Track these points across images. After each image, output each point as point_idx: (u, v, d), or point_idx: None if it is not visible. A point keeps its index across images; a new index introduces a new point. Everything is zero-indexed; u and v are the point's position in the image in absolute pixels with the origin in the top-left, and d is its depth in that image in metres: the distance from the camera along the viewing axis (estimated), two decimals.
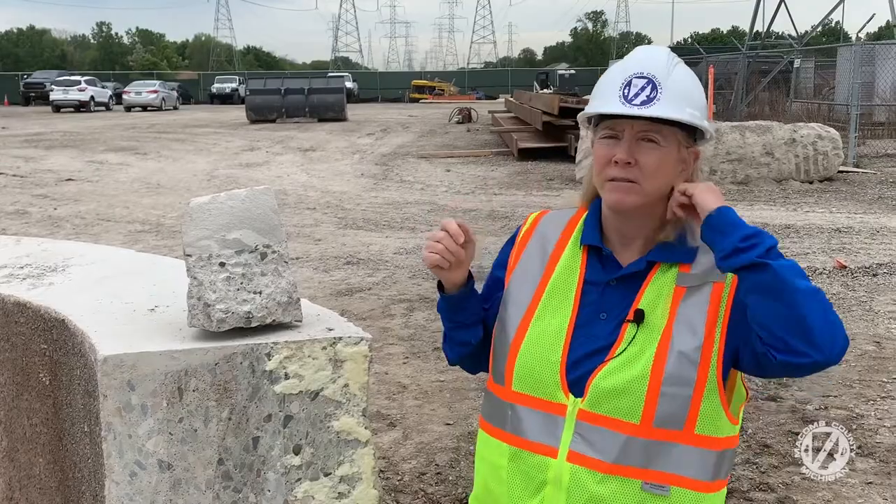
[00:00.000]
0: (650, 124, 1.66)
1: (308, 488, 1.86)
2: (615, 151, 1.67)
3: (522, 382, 1.74)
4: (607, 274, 1.74)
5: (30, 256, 2.87)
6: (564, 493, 1.67)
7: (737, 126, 15.34)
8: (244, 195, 1.87)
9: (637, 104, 1.64)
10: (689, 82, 1.70)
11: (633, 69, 1.68)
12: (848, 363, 5.84)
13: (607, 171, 1.69)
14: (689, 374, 1.63)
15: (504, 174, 17.03)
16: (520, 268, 1.84)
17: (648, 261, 1.71)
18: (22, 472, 2.45)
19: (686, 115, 1.67)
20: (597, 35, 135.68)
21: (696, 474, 1.66)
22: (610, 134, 1.70)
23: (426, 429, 4.87)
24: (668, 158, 1.68)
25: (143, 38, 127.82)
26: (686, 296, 1.67)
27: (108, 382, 1.72)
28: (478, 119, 32.36)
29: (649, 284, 1.70)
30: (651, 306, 1.68)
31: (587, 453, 1.66)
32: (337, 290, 7.95)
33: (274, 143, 23.90)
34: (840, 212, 12.05)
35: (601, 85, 1.75)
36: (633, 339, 1.67)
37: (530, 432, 1.71)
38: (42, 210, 12.91)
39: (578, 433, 1.67)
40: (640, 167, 1.66)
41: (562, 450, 1.67)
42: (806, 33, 32.86)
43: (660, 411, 1.63)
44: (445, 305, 1.86)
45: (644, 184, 1.67)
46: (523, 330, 1.76)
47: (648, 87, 1.65)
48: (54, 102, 45.21)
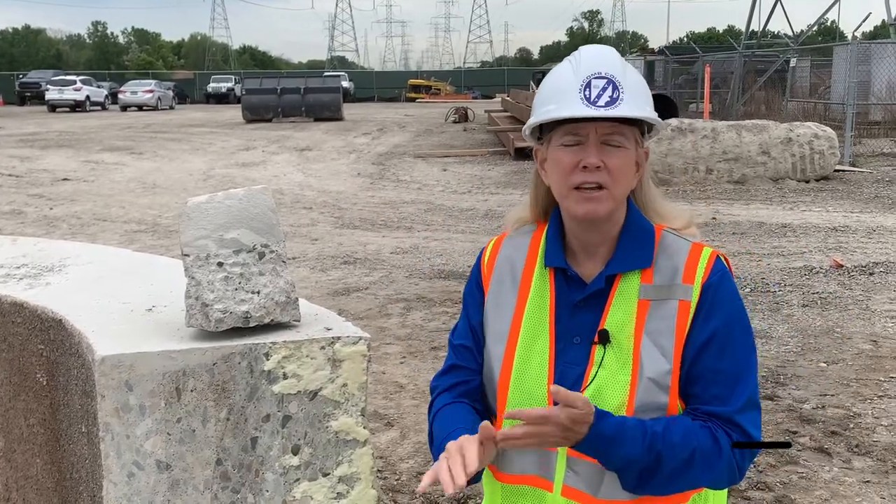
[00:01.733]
0: (614, 126, 1.60)
1: (306, 488, 1.85)
2: (582, 156, 1.59)
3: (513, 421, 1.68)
4: (574, 294, 1.68)
5: (26, 256, 2.86)
6: None
7: (733, 125, 15.35)
8: (242, 195, 1.86)
9: (602, 105, 1.57)
10: (641, 80, 1.67)
11: (590, 70, 1.60)
12: (845, 362, 5.85)
13: (573, 177, 1.60)
14: (661, 400, 1.60)
15: (501, 173, 17.04)
16: (492, 299, 1.76)
17: (608, 276, 1.65)
18: (19, 473, 2.44)
19: (648, 112, 1.63)
20: (593, 34, 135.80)
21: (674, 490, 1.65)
22: (573, 140, 1.61)
23: (424, 428, 4.86)
24: (630, 159, 1.63)
25: (138, 37, 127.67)
26: (651, 311, 1.62)
27: (106, 382, 1.72)
28: (474, 118, 32.36)
29: (613, 301, 1.65)
30: (618, 326, 1.63)
31: (580, 488, 1.64)
32: (334, 289, 7.94)
33: (270, 143, 23.88)
34: (836, 211, 12.07)
35: (552, 89, 1.66)
36: (601, 362, 1.62)
37: (525, 467, 1.69)
38: (38, 210, 12.89)
39: (571, 468, 1.64)
40: (608, 170, 1.60)
41: (556, 483, 1.66)
42: (802, 32, 32.91)
43: None
44: None
45: (612, 188, 1.61)
46: (508, 367, 1.70)
47: (610, 88, 1.58)
48: (50, 102, 45.13)
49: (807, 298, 7.48)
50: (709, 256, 1.66)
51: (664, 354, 1.60)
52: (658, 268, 1.65)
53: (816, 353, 6.08)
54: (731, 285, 1.66)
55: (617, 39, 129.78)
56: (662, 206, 1.74)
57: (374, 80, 72.06)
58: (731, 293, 1.65)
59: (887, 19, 26.84)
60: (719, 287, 1.63)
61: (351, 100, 53.74)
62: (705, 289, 1.62)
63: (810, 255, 9.22)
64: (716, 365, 1.59)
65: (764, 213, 11.90)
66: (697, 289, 1.62)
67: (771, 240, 10.11)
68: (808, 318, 6.92)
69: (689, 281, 1.63)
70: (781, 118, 18.88)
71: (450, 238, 10.56)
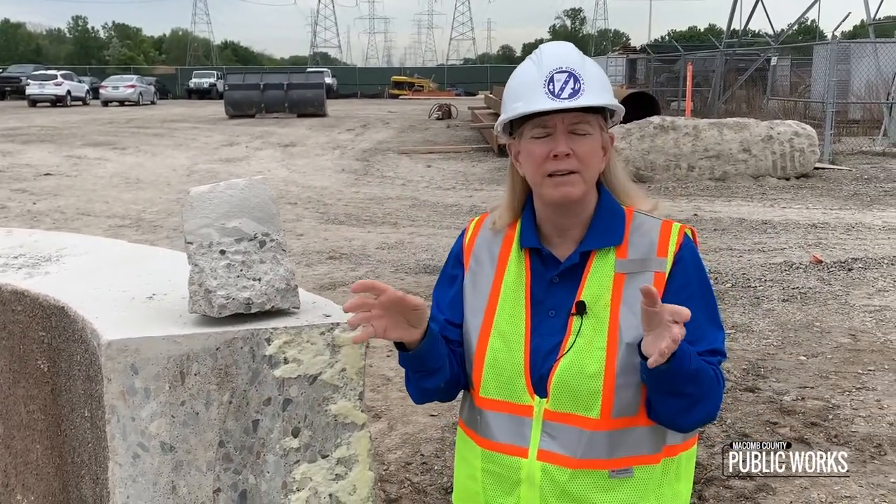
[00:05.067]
0: (579, 115, 1.72)
1: (306, 470, 1.90)
2: (552, 146, 1.72)
3: (489, 388, 1.80)
4: (549, 272, 1.80)
5: (23, 247, 2.89)
6: (538, 491, 1.75)
7: (714, 123, 15.49)
8: (243, 184, 1.91)
9: (566, 97, 1.69)
10: (599, 70, 1.78)
11: (551, 65, 1.72)
12: (824, 355, 5.96)
13: (546, 166, 1.72)
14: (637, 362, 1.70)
15: (484, 170, 17.11)
16: (471, 274, 1.88)
17: (582, 252, 1.77)
18: (18, 459, 2.48)
19: (608, 100, 1.75)
20: (575, 32, 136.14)
21: (651, 449, 1.76)
22: (542, 133, 1.73)
23: (411, 420, 4.92)
24: (597, 145, 1.76)
25: (119, 32, 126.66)
26: (628, 282, 1.74)
27: (112, 366, 1.76)
28: (457, 115, 32.43)
29: (589, 275, 1.77)
30: (594, 297, 1.75)
31: (556, 450, 1.73)
32: (320, 284, 7.98)
33: (253, 139, 23.84)
34: (816, 208, 12.22)
35: (518, 87, 1.77)
36: (579, 331, 1.73)
37: (500, 435, 1.79)
38: (21, 205, 12.83)
39: (546, 432, 1.74)
40: (578, 157, 1.72)
41: (532, 450, 1.75)
42: (782, 31, 33.17)
43: (617, 403, 1.71)
44: (408, 361, 1.82)
45: (584, 172, 1.73)
46: (485, 337, 1.81)
47: (571, 80, 1.70)
48: (30, 97, 44.75)
49: (787, 293, 7.59)
50: (678, 231, 1.79)
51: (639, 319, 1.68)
52: (632, 243, 1.78)
53: (796, 346, 6.19)
54: (697, 254, 1.81)
55: (599, 37, 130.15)
56: (631, 189, 1.88)
57: (357, 76, 72.00)
58: (697, 260, 1.80)
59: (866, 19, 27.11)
60: (688, 257, 1.78)
61: (334, 96, 53.62)
62: (677, 260, 1.76)
63: (790, 251, 9.35)
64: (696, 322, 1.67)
65: (745, 210, 12.03)
66: (670, 260, 1.75)
67: (752, 236, 10.24)
68: (788, 312, 7.03)
69: (663, 254, 1.76)
70: (762, 116, 19.05)
71: (435, 234, 10.62)
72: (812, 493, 4.00)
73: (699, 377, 1.64)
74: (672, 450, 1.80)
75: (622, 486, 1.74)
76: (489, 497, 1.81)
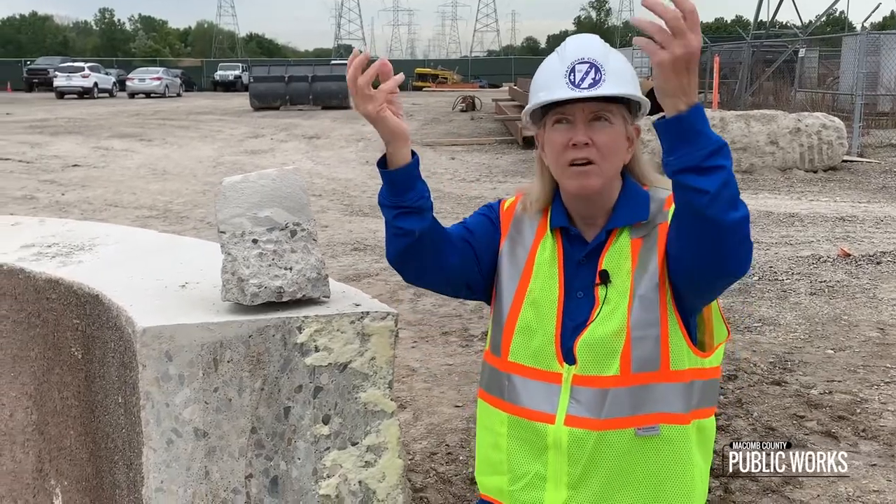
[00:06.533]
0: (600, 104, 1.75)
1: (336, 457, 1.93)
2: (571, 135, 1.75)
3: (519, 353, 1.83)
4: (576, 252, 1.84)
5: (56, 236, 2.94)
6: (565, 456, 1.76)
7: (741, 115, 15.37)
8: (275, 175, 1.94)
9: (585, 87, 1.72)
10: (624, 63, 1.80)
11: (573, 56, 1.76)
12: (852, 349, 5.91)
13: (566, 154, 1.76)
14: (653, 315, 1.74)
15: (508, 161, 17.09)
16: (509, 240, 1.92)
17: (608, 230, 1.82)
18: (52, 445, 2.52)
19: (630, 91, 1.76)
20: (600, 23, 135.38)
21: (679, 408, 1.77)
22: (560, 118, 1.78)
23: (436, 410, 4.94)
24: (619, 135, 1.78)
25: (145, 24, 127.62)
26: (643, 245, 1.79)
27: (147, 353, 1.79)
28: (481, 107, 32.35)
29: (609, 249, 1.81)
30: (615, 267, 1.79)
31: (581, 414, 1.75)
32: (345, 275, 8.01)
33: (278, 131, 23.94)
34: (844, 201, 12.10)
35: (541, 78, 1.82)
36: (605, 298, 1.78)
37: (528, 401, 1.81)
38: (49, 195, 12.98)
39: (573, 398, 1.76)
40: (597, 146, 1.74)
41: (559, 415, 1.77)
42: (810, 23, 32.83)
43: (635, 357, 1.73)
44: (388, 186, 1.80)
45: (602, 164, 1.75)
46: (519, 302, 1.84)
47: (592, 71, 1.73)
48: (58, 89, 45.20)
49: (814, 287, 7.53)
50: None
51: (651, 271, 1.75)
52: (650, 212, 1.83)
53: (824, 340, 6.14)
54: None
55: (625, 29, 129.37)
56: (657, 180, 1.89)
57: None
58: None
59: None
60: None
61: None
62: None
63: (818, 244, 9.27)
64: None
65: (772, 203, 11.94)
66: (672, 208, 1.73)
67: (779, 229, 10.16)
68: (815, 305, 6.98)
69: (668, 206, 1.79)
70: (790, 108, 18.87)
71: None
72: (840, 486, 3.98)
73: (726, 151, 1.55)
74: (704, 413, 1.81)
75: (650, 445, 1.75)
76: (515, 464, 1.83)
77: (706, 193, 1.52)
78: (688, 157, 1.53)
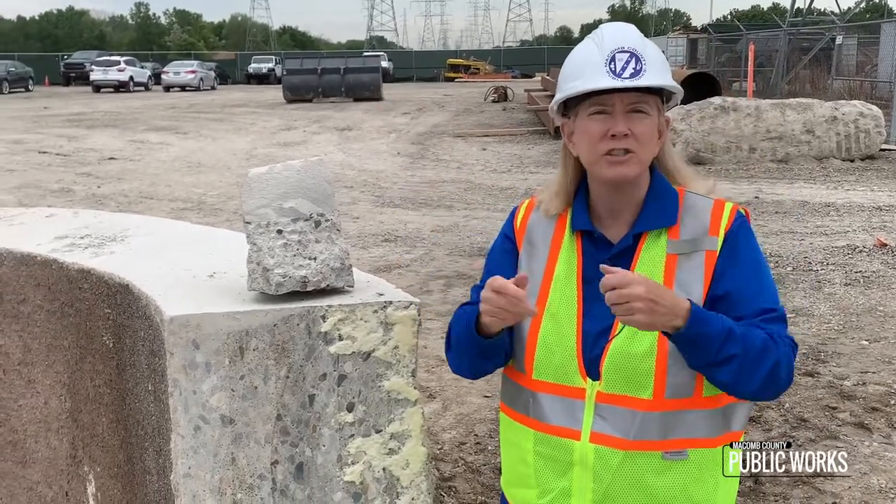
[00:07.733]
0: (638, 95, 1.72)
1: (360, 444, 1.95)
2: (609, 125, 1.71)
3: (542, 371, 1.80)
4: (601, 254, 1.78)
5: (88, 228, 2.99)
6: (591, 473, 1.75)
7: (777, 104, 15.18)
8: (299, 166, 1.96)
9: (627, 77, 1.69)
10: (659, 52, 1.78)
11: (613, 45, 1.73)
12: (887, 340, 5.84)
13: (602, 145, 1.72)
14: None
15: (540, 152, 17.04)
16: (525, 255, 1.88)
17: (635, 234, 1.77)
18: (85, 432, 2.58)
19: (669, 81, 1.75)
20: (634, 12, 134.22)
21: (709, 433, 1.74)
22: (600, 110, 1.73)
23: (465, 401, 4.96)
24: (654, 126, 1.76)
25: (180, 18, 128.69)
26: (680, 264, 1.74)
27: (175, 341, 1.83)
28: (513, 98, 32.27)
29: (640, 256, 1.76)
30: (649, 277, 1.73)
31: (608, 433, 1.73)
32: (375, 266, 8.06)
33: (311, 123, 24.07)
34: (881, 190, 11.92)
35: (577, 66, 1.77)
36: None
37: (553, 417, 1.78)
38: (86, 188, 13.18)
39: (598, 414, 1.74)
40: (635, 137, 1.72)
41: (584, 431, 1.75)
42: (848, 10, 32.28)
43: (670, 384, 1.70)
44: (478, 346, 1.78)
45: (640, 152, 1.73)
46: (537, 320, 1.80)
47: (633, 61, 1.71)
48: (94, 83, 45.86)
49: (849, 277, 7.44)
50: (731, 209, 1.79)
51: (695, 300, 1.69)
52: (684, 225, 1.77)
53: (858, 330, 6.07)
54: (751, 232, 1.79)
55: (659, 17, 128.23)
56: (685, 171, 1.87)
57: (413, 59, 72.06)
58: (749, 237, 1.78)
59: None
60: (739, 232, 1.76)
61: (390, 80, 53.76)
62: (728, 236, 1.75)
63: (854, 234, 9.15)
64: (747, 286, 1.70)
65: (807, 193, 11.79)
66: (721, 237, 1.74)
67: (814, 219, 10.04)
68: (850, 296, 6.89)
69: (715, 233, 1.75)
70: (826, 97, 18.60)
71: (489, 217, 10.63)
72: (871, 478, 3.94)
73: (733, 336, 1.61)
74: (735, 435, 1.78)
75: (676, 468, 1.73)
76: (542, 479, 1.82)
77: (726, 385, 1.66)
78: (701, 359, 1.63)
